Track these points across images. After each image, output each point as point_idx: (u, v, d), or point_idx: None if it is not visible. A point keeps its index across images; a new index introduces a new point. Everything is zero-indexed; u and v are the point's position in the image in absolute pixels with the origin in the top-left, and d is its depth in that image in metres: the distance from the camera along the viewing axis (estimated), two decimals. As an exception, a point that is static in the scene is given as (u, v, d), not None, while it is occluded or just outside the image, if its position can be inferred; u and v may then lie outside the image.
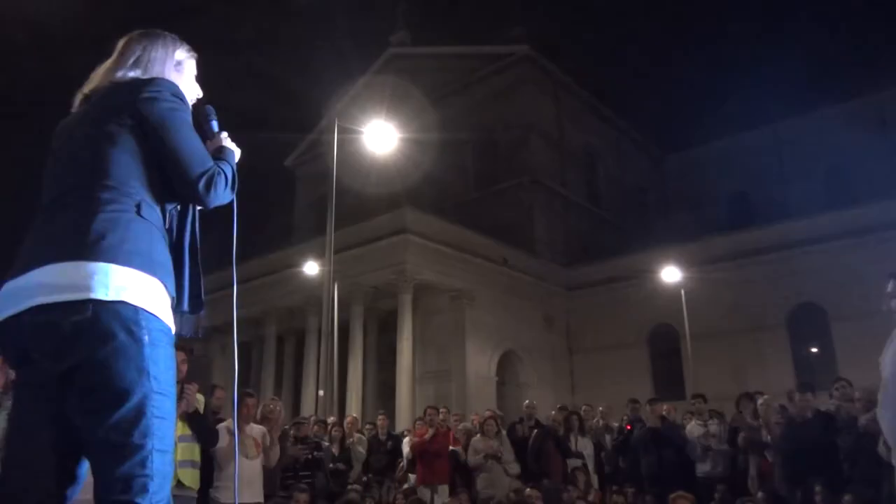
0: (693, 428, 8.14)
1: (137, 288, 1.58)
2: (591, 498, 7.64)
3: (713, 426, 8.00)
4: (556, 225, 27.95)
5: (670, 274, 20.35)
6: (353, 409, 18.37)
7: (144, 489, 1.51)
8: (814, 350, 21.31)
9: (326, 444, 8.70)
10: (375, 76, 32.76)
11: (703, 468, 7.87)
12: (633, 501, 7.83)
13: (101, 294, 1.52)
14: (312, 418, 9.72)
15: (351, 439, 9.41)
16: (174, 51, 1.97)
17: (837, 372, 14.00)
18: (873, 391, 5.72)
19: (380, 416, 10.50)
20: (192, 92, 2.00)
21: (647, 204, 35.63)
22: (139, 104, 1.73)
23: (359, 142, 13.62)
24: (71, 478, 1.65)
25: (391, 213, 21.58)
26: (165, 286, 1.67)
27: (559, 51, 32.67)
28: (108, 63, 1.90)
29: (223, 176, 1.78)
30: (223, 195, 1.78)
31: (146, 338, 1.57)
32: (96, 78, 1.89)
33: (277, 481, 6.97)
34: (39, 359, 1.57)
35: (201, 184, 1.73)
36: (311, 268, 17.90)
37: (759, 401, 7.54)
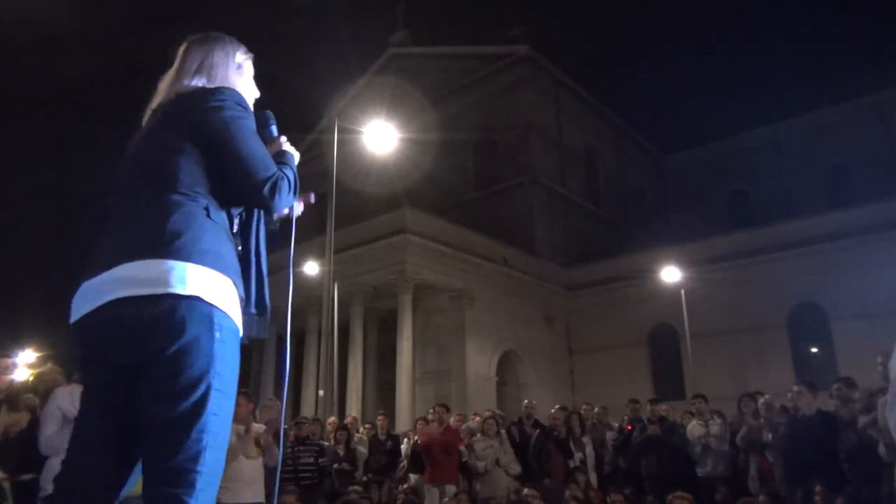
0: (693, 428, 8.13)
1: (211, 285, 1.64)
2: (591, 498, 7.63)
3: (714, 426, 7.99)
4: (556, 225, 27.95)
5: (670, 274, 20.34)
6: (353, 409, 18.37)
7: (192, 484, 1.54)
8: (814, 350, 21.31)
9: (327, 444, 8.71)
10: (375, 76, 32.75)
11: (703, 468, 7.87)
12: (633, 502, 7.82)
13: (178, 289, 1.58)
14: (311, 417, 9.73)
15: (353, 439, 9.42)
16: (234, 53, 2.00)
17: (837, 372, 14.02)
18: (874, 391, 5.74)
19: (380, 416, 10.50)
20: (251, 93, 2.03)
21: (647, 204, 35.62)
22: (203, 114, 1.78)
23: (359, 142, 13.62)
24: (123, 479, 1.70)
25: (391, 213, 21.58)
26: (236, 286, 1.73)
27: (559, 51, 32.72)
28: (172, 73, 1.94)
29: (286, 180, 1.82)
30: (287, 199, 1.83)
31: (218, 334, 1.63)
32: (162, 90, 1.94)
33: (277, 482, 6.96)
34: (117, 350, 1.63)
35: (266, 189, 1.76)
36: (311, 268, 17.89)
37: (761, 400, 7.53)
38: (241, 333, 1.74)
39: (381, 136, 12.67)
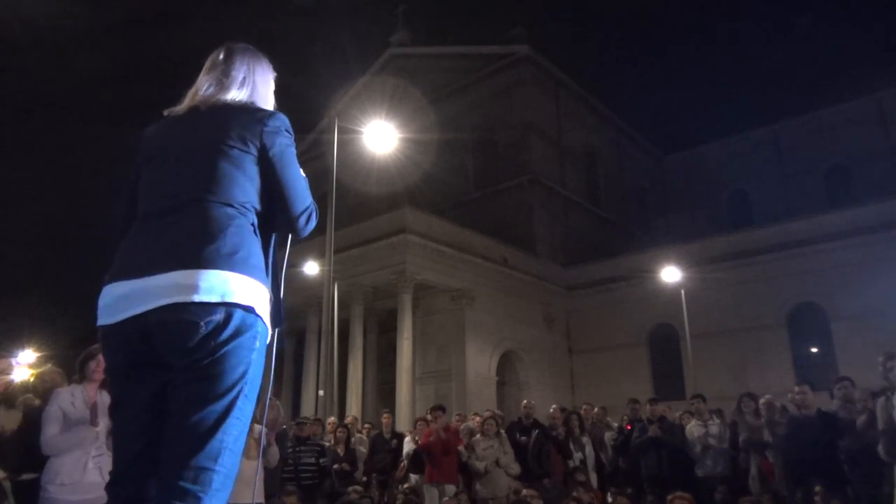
0: (693, 428, 8.12)
1: (259, 298, 1.74)
2: (590, 498, 7.62)
3: (713, 426, 7.99)
4: (556, 225, 27.95)
5: (670, 274, 20.34)
6: (353, 409, 18.36)
7: (210, 483, 1.60)
8: (814, 350, 21.31)
9: (328, 444, 8.71)
10: (375, 76, 32.76)
11: (703, 468, 7.86)
12: (633, 502, 7.82)
13: (234, 299, 1.67)
14: (312, 418, 9.72)
15: (353, 439, 9.41)
16: (270, 72, 2.11)
17: (838, 372, 14.01)
18: (875, 391, 5.74)
19: (384, 416, 10.47)
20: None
21: (647, 204, 35.62)
22: (263, 136, 1.87)
23: (359, 142, 13.61)
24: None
25: (391, 213, 21.57)
26: (271, 300, 1.81)
27: (559, 51, 32.72)
28: (215, 77, 1.97)
29: (317, 211, 1.99)
30: (312, 227, 1.98)
31: (257, 344, 1.72)
32: (203, 91, 1.96)
33: (277, 482, 6.97)
34: (166, 352, 1.66)
35: (303, 219, 1.93)
36: (311, 268, 17.89)
37: (761, 400, 7.52)
38: (268, 342, 1.82)
39: (381, 136, 12.66)
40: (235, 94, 1.95)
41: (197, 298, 1.62)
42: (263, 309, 1.75)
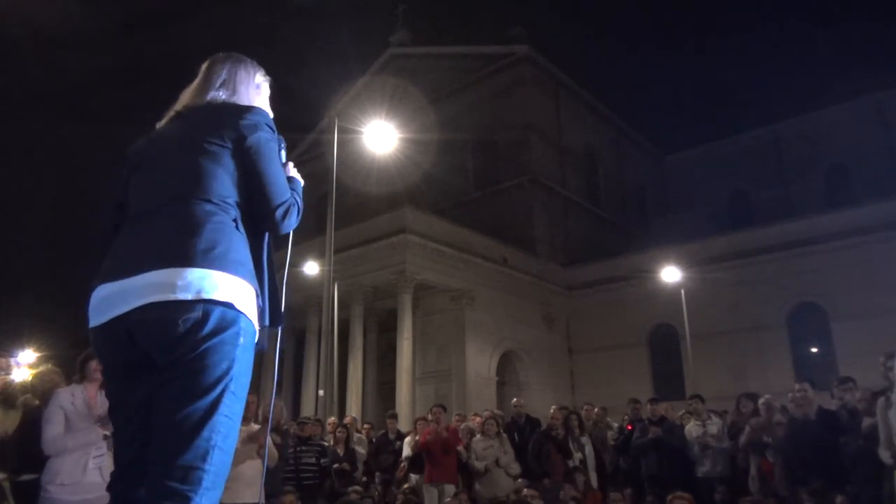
0: (692, 428, 8.12)
1: (240, 295, 1.73)
2: (589, 498, 7.62)
3: (712, 426, 7.98)
4: (556, 225, 27.95)
5: (670, 274, 20.34)
6: (353, 409, 18.37)
7: (199, 482, 1.59)
8: (814, 350, 21.31)
9: (328, 444, 8.71)
10: (375, 76, 32.75)
11: (703, 468, 7.85)
12: (633, 502, 7.81)
13: (213, 295, 1.66)
14: (313, 418, 9.71)
15: (353, 439, 9.41)
16: (255, 74, 2.11)
17: (838, 372, 14.01)
18: (876, 391, 5.73)
19: (389, 419, 10.48)
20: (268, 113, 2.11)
21: (647, 204, 35.61)
22: (240, 128, 1.87)
23: (359, 142, 13.62)
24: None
25: (391, 213, 21.58)
26: (257, 296, 1.80)
27: (559, 51, 32.71)
28: (196, 84, 2.04)
29: (297, 206, 1.96)
30: (292, 223, 1.95)
31: (241, 340, 1.71)
32: (186, 97, 2.02)
33: (278, 481, 6.96)
34: (149, 351, 1.67)
35: (279, 212, 1.89)
36: (311, 268, 17.88)
37: (761, 400, 7.51)
38: (256, 340, 1.80)
39: (381, 136, 12.66)
40: (214, 95, 1.98)
41: (173, 297, 1.63)
42: (246, 305, 1.73)
